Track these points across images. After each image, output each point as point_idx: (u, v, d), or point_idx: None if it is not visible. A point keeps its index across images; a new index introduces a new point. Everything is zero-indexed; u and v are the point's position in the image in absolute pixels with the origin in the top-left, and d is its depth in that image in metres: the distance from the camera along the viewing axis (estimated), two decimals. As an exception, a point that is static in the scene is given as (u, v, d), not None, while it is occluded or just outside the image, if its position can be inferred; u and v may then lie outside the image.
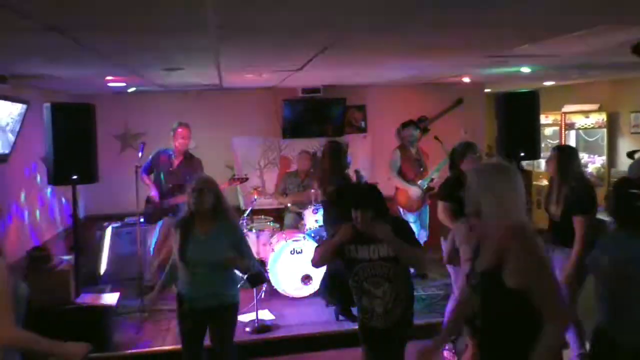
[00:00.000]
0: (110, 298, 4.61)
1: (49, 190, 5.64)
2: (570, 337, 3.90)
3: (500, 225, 2.12)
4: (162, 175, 5.54)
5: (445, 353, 4.30)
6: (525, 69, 5.43)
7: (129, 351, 4.38)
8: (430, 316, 4.75)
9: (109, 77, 4.95)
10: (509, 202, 2.12)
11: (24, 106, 4.48)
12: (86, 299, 4.49)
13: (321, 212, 5.59)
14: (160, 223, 5.58)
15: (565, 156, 4.00)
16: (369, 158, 7.20)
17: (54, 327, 3.84)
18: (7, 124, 4.33)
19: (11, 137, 4.42)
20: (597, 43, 3.63)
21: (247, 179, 5.82)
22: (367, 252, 2.99)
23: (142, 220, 5.71)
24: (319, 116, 6.95)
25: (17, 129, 4.47)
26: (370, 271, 3.00)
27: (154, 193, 5.48)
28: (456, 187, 4.18)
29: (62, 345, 2.36)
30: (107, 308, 4.43)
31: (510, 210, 2.12)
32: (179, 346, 4.39)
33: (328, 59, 4.04)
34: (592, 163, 7.72)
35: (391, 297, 3.00)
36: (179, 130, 5.54)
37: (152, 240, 5.63)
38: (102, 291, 5.01)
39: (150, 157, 5.64)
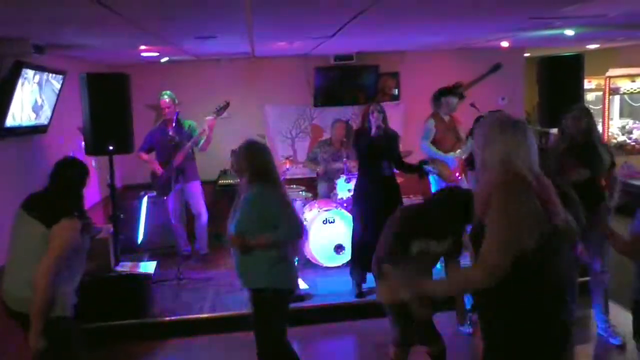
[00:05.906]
0: (149, 266, 4.69)
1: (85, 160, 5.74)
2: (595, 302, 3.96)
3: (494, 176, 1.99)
4: (162, 147, 5.56)
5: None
6: (569, 32, 5.16)
7: (167, 318, 4.48)
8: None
9: (142, 47, 4.93)
10: (509, 154, 1.97)
11: (61, 77, 4.50)
12: (125, 267, 4.59)
13: (354, 181, 5.53)
14: (172, 193, 5.56)
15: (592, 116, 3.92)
16: (402, 126, 7.05)
17: (94, 294, 3.97)
18: (44, 103, 4.36)
19: (49, 112, 4.46)
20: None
21: (228, 104, 5.44)
22: (436, 246, 2.93)
23: (154, 194, 5.77)
24: (351, 84, 6.83)
25: (54, 102, 4.51)
26: (429, 264, 2.97)
27: (156, 167, 5.54)
28: None
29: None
30: (145, 276, 4.52)
31: (509, 163, 1.97)
32: (215, 314, 4.50)
33: (362, 24, 3.91)
34: (637, 129, 7.40)
35: None
36: (161, 101, 5.59)
37: (171, 211, 5.69)
38: (140, 259, 5.12)
39: (146, 138, 5.66)
